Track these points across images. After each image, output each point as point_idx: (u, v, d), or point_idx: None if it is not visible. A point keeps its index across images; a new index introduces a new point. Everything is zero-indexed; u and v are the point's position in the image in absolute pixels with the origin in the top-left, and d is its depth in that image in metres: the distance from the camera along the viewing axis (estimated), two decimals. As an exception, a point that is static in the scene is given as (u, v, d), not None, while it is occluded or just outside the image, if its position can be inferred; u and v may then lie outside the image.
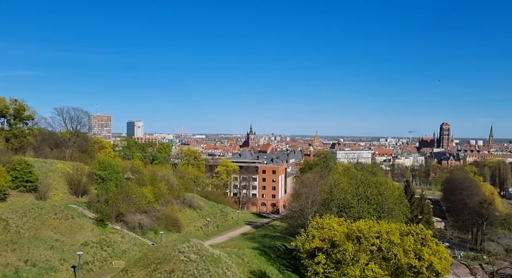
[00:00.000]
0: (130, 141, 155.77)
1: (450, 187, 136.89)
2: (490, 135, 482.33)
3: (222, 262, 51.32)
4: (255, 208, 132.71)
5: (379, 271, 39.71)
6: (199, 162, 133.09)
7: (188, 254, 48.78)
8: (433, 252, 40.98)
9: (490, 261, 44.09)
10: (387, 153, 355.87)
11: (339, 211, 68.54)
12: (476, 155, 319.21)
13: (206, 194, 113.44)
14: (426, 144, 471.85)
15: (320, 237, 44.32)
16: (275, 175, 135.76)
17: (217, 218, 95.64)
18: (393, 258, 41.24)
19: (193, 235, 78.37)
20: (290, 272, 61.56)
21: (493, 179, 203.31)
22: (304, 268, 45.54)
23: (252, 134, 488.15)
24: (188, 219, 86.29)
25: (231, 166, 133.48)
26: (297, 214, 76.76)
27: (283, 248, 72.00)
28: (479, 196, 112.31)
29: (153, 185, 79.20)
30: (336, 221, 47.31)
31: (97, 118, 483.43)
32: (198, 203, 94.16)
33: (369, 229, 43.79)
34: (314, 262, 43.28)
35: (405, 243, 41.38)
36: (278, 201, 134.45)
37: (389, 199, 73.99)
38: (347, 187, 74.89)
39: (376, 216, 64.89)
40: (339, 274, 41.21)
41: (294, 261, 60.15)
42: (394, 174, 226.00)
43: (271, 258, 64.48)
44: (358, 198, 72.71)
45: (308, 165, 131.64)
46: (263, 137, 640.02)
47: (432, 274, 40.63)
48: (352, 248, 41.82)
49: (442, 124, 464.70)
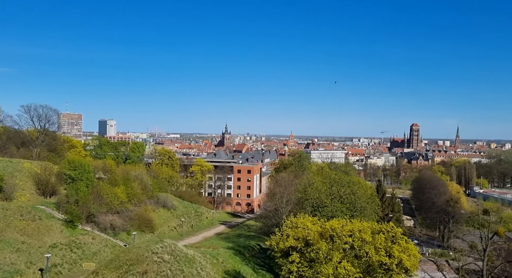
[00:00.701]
0: (102, 139, 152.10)
1: (419, 186, 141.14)
2: (456, 136, 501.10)
3: (196, 262, 50.94)
4: (230, 207, 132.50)
5: (351, 268, 40.56)
6: (174, 162, 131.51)
7: (161, 254, 48.15)
8: (402, 249, 42.22)
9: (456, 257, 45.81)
10: (360, 152, 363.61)
11: (313, 210, 69.42)
12: (443, 155, 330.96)
13: (180, 193, 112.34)
14: (397, 144, 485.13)
15: (294, 236, 44.81)
16: (250, 174, 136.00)
17: (191, 218, 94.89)
18: (365, 255, 42.21)
19: (167, 235, 77.42)
20: (264, 272, 61.85)
21: (459, 178, 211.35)
22: (278, 267, 45.91)
23: (227, 134, 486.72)
24: (162, 219, 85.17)
25: (206, 166, 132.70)
26: (271, 214, 77.22)
27: (257, 248, 72.24)
28: (446, 194, 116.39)
29: (126, 185, 77.70)
30: (310, 220, 47.95)
31: (67, 117, 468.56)
32: (172, 203, 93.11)
33: (342, 227, 44.64)
34: (288, 261, 43.72)
35: (377, 241, 42.44)
36: (253, 201, 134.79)
37: (362, 198, 75.55)
38: (321, 186, 75.94)
39: (349, 215, 66.20)
40: (312, 273, 41.80)
41: (269, 260, 60.46)
42: (367, 174, 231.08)
43: (245, 258, 64.57)
44: (331, 197, 73.86)
45: (283, 165, 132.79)
46: (239, 137, 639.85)
47: (402, 270, 41.87)
48: (326, 246, 42.50)
49: (412, 125, 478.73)
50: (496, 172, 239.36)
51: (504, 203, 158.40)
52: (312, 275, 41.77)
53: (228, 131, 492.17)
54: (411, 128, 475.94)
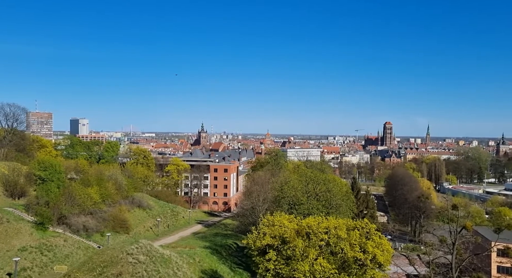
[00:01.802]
0: (73, 139, 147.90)
1: (392, 183, 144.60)
2: (427, 133, 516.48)
3: (172, 262, 50.45)
4: (207, 206, 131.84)
5: (327, 265, 41.17)
6: (149, 161, 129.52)
7: (136, 255, 47.41)
8: (376, 245, 43.19)
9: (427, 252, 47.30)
10: (335, 151, 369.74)
11: (289, 208, 69.96)
12: (415, 152, 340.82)
13: (156, 193, 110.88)
14: (371, 142, 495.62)
15: (271, 234, 45.05)
16: (227, 173, 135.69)
17: (167, 217, 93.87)
18: (340, 252, 42.93)
19: (143, 235, 76.29)
20: (241, 270, 61.95)
21: (430, 175, 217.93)
22: (255, 266, 46.05)
23: (203, 132, 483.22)
24: (138, 219, 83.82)
25: (182, 165, 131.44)
26: (248, 212, 77.32)
27: (234, 246, 72.26)
28: (418, 191, 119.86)
29: (99, 185, 75.97)
30: (286, 218, 48.31)
31: (36, 115, 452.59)
32: (148, 203, 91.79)
33: (318, 225, 45.22)
34: (265, 259, 43.93)
35: (352, 238, 43.24)
36: (230, 199, 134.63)
37: (337, 195, 76.76)
38: (297, 184, 76.62)
39: (325, 212, 67.09)
40: (289, 270, 42.17)
41: (246, 259, 60.60)
42: (342, 171, 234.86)
43: (222, 257, 64.48)
44: (307, 195, 74.65)
45: (259, 163, 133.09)
46: (215, 135, 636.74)
47: (376, 265, 42.85)
48: (302, 244, 42.95)
49: (385, 124, 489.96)
50: (464, 168, 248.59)
51: (472, 198, 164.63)
52: (288, 273, 42.14)
53: (205, 130, 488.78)
54: (385, 127, 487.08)
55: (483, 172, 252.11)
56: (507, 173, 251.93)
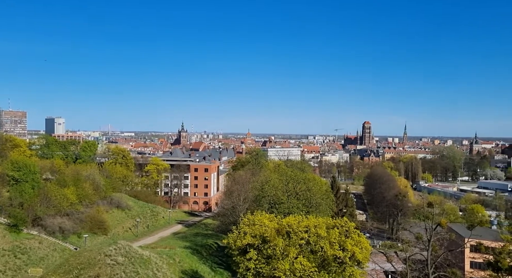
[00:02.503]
0: (49, 138, 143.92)
1: (371, 182, 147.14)
2: (404, 133, 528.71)
3: (152, 263, 49.88)
4: (187, 206, 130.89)
5: (307, 263, 41.57)
6: (128, 161, 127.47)
7: (115, 257, 46.66)
8: (355, 243, 43.90)
9: (404, 248, 48.47)
10: (315, 150, 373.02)
11: (270, 207, 70.24)
12: (393, 151, 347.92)
13: (135, 193, 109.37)
14: (351, 141, 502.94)
15: (252, 234, 45.13)
16: (208, 173, 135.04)
17: (147, 218, 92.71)
18: (320, 250, 43.41)
19: (121, 236, 75.09)
20: (222, 270, 61.84)
21: (407, 173, 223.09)
22: (236, 265, 46.04)
23: (183, 132, 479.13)
24: (116, 220, 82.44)
25: (162, 165, 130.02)
26: (229, 212, 77.18)
27: (215, 246, 72.05)
28: (395, 189, 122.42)
29: (76, 186, 74.31)
30: (267, 217, 48.49)
31: (9, 114, 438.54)
32: (127, 203, 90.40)
33: (298, 223, 45.59)
34: (246, 258, 43.98)
35: (331, 236, 43.79)
36: (211, 199, 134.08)
37: (317, 194, 77.51)
38: (278, 183, 76.99)
39: (305, 211, 67.69)
40: (269, 269, 42.36)
41: (226, 258, 60.52)
42: (322, 170, 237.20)
43: (203, 257, 64.19)
44: (288, 194, 75.10)
45: (240, 163, 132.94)
46: (195, 135, 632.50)
47: (354, 263, 43.55)
48: (282, 243, 43.21)
49: (364, 123, 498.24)
50: (439, 167, 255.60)
51: (446, 195, 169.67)
52: (269, 272, 42.33)
53: (185, 129, 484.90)
54: (363, 126, 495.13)
55: (457, 170, 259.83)
56: (479, 171, 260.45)
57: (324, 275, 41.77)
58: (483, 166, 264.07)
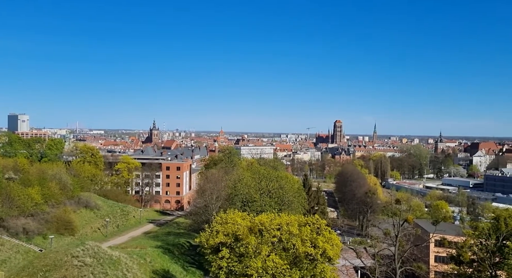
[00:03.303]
0: (12, 136, 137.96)
1: (342, 179, 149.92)
2: (374, 132, 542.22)
3: (122, 263, 48.85)
4: (159, 205, 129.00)
5: (279, 261, 41.94)
6: (97, 159, 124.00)
7: (82, 258, 45.36)
8: (326, 240, 44.63)
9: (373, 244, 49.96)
10: (287, 148, 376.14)
11: (242, 206, 70.33)
12: (363, 149, 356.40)
13: (105, 192, 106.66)
14: (322, 139, 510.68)
15: (224, 232, 45.04)
16: (180, 171, 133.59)
17: (117, 217, 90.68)
18: (292, 247, 43.88)
19: (90, 237, 73.08)
20: (194, 269, 61.42)
21: (376, 171, 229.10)
22: (208, 264, 45.82)
23: (155, 130, 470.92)
24: (84, 220, 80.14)
25: (133, 163, 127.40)
26: (201, 210, 76.74)
27: (187, 245, 71.46)
28: (365, 186, 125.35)
29: (41, 185, 71.59)
30: (239, 215, 48.52)
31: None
32: (96, 203, 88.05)
33: (271, 221, 45.89)
34: (218, 257, 43.85)
35: (303, 233, 44.32)
36: (183, 198, 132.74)
37: (289, 192, 78.25)
38: (251, 181, 77.16)
39: (277, 209, 68.21)
40: (242, 267, 42.43)
41: (199, 257, 60.16)
42: (294, 168, 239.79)
43: (175, 256, 63.52)
44: (260, 192, 75.44)
45: (213, 161, 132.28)
46: (167, 133, 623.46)
47: (325, 259, 44.29)
48: (255, 240, 43.38)
49: (336, 122, 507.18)
50: (407, 165, 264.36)
51: (413, 192, 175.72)
52: (241, 270, 42.40)
53: (156, 127, 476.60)
54: (335, 125, 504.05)
55: (423, 168, 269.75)
56: (444, 169, 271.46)
57: (296, 272, 42.28)
58: (447, 164, 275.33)
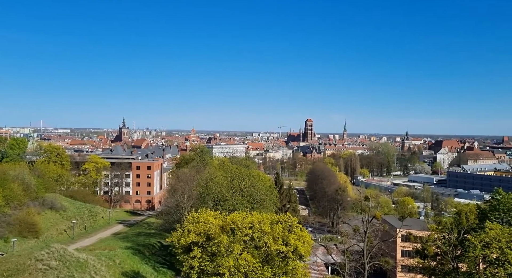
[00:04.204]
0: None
1: (313, 177, 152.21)
2: (344, 130, 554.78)
3: (89, 266, 47.47)
4: (129, 205, 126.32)
5: (251, 259, 42.07)
6: (63, 159, 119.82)
7: (47, 261, 43.73)
8: (298, 237, 45.14)
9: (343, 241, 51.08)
10: (259, 147, 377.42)
11: (214, 204, 70.03)
12: (333, 148, 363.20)
13: (71, 193, 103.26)
14: (294, 138, 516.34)
15: (196, 231, 44.70)
16: (150, 170, 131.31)
17: (84, 219, 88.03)
18: (264, 245, 44.11)
19: (55, 239, 70.49)
20: (165, 269, 60.60)
21: (346, 169, 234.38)
22: (179, 264, 45.32)
23: (125, 128, 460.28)
24: (49, 222, 77.25)
25: (102, 163, 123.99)
26: (173, 210, 75.82)
27: (158, 245, 70.43)
28: (336, 184, 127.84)
29: (2, 186, 68.36)
30: (211, 214, 48.28)
31: None
32: (62, 204, 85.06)
33: (243, 220, 45.91)
34: (190, 256, 43.47)
35: (275, 231, 44.64)
36: (154, 197, 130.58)
37: (261, 191, 78.56)
38: (223, 180, 76.89)
39: (249, 207, 68.25)
40: (214, 266, 42.26)
41: (170, 257, 59.39)
42: (266, 167, 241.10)
43: (145, 257, 62.42)
44: (232, 191, 75.34)
45: (184, 160, 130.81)
46: (137, 132, 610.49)
47: (297, 257, 44.82)
48: (227, 239, 43.29)
49: (307, 121, 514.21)
50: (375, 162, 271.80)
51: (381, 189, 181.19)
52: (213, 269, 42.22)
53: (126, 126, 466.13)
54: (306, 123, 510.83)
55: (391, 165, 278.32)
56: (410, 166, 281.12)
57: (268, 269, 42.54)
58: (413, 161, 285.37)
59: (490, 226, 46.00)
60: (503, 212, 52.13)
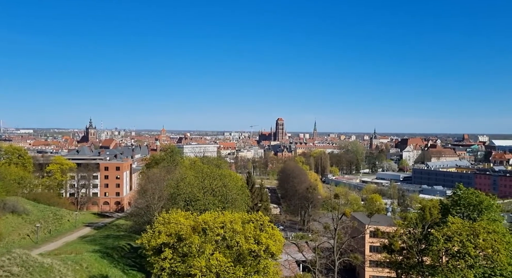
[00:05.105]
0: None
1: (284, 176, 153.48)
2: (314, 129, 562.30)
3: (54, 271, 45.84)
4: (97, 207, 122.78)
5: (223, 259, 41.99)
6: (25, 160, 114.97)
7: (9, 267, 41.84)
8: (269, 236, 45.44)
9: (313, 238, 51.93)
10: (231, 146, 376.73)
11: (186, 205, 69.37)
12: (304, 146, 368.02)
13: (35, 196, 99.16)
14: (265, 137, 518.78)
15: (167, 232, 44.13)
16: (119, 171, 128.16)
17: (49, 222, 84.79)
18: (236, 245, 44.12)
19: (18, 244, 67.50)
20: (135, 272, 59.43)
21: (317, 167, 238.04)
22: (150, 266, 44.59)
23: (92, 129, 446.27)
24: (11, 226, 73.87)
25: (67, 164, 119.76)
26: (143, 211, 74.56)
27: (128, 247, 68.98)
28: (306, 182, 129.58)
29: (-41, 190, 64.76)
30: (182, 214, 47.79)
31: None
32: (24, 207, 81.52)
33: (214, 220, 45.71)
34: (161, 258, 42.86)
35: (246, 230, 44.74)
36: (123, 199, 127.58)
37: (233, 190, 78.54)
38: (194, 180, 76.30)
39: (221, 207, 67.97)
40: (185, 267, 41.87)
41: (140, 260, 58.33)
42: (238, 166, 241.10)
43: (114, 260, 60.94)
44: (204, 191, 74.89)
45: (154, 160, 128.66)
46: (106, 132, 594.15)
47: (268, 255, 45.12)
48: (198, 240, 43.00)
49: (278, 120, 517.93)
50: (345, 161, 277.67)
51: (351, 187, 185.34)
52: (185, 270, 41.83)
53: (93, 126, 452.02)
54: (277, 123, 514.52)
55: (360, 163, 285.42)
56: (378, 164, 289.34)
57: (240, 269, 42.60)
58: (380, 159, 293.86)
59: (452, 220, 48.12)
60: (464, 207, 54.51)
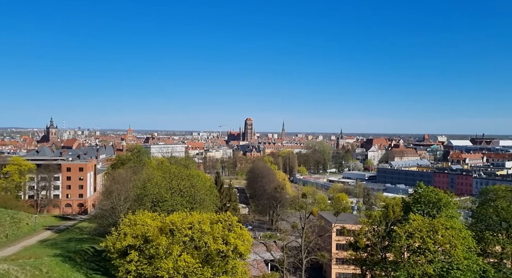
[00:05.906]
0: None
1: (253, 176, 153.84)
2: (282, 129, 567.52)
3: (11, 277, 43.64)
4: (58, 210, 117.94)
5: (191, 260, 41.67)
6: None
7: (-38, 275, 39.39)
8: (238, 236, 45.56)
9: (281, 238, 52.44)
10: (199, 146, 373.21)
11: (153, 206, 68.12)
12: (272, 146, 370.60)
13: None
14: (234, 137, 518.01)
15: (133, 234, 43.26)
16: (83, 172, 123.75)
17: (6, 226, 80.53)
18: (204, 245, 43.90)
19: (-29, 251, 63.71)
20: (99, 276, 57.56)
21: (285, 167, 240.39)
22: (115, 269, 43.53)
23: (53, 128, 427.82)
24: (-37, 232, 69.61)
25: (26, 165, 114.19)
26: (108, 213, 72.48)
27: (91, 251, 66.77)
28: (275, 182, 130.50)
29: None
30: (149, 216, 47.02)
31: None
32: (-22, 211, 77.08)
33: (182, 220, 45.27)
34: (126, 260, 41.98)
35: (215, 231, 44.62)
36: (87, 201, 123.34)
37: (201, 190, 77.91)
38: (161, 181, 75.09)
39: (189, 208, 67.33)
40: (152, 269, 41.23)
41: (105, 263, 56.60)
42: (206, 166, 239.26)
43: (77, 264, 58.79)
44: (171, 191, 73.86)
45: (120, 160, 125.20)
46: (68, 131, 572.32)
47: (237, 255, 45.24)
48: (166, 241, 42.43)
49: (246, 120, 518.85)
50: (312, 160, 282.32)
51: (318, 186, 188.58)
52: (151, 272, 41.17)
53: (54, 125, 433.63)
54: (246, 123, 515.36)
55: (327, 163, 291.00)
56: (344, 163, 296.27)
57: (208, 269, 42.42)
58: (347, 159, 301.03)
59: (413, 217, 50.16)
60: (424, 204, 56.88)
